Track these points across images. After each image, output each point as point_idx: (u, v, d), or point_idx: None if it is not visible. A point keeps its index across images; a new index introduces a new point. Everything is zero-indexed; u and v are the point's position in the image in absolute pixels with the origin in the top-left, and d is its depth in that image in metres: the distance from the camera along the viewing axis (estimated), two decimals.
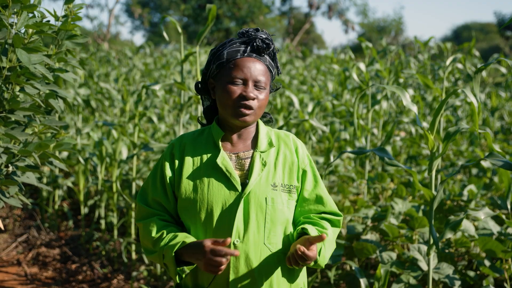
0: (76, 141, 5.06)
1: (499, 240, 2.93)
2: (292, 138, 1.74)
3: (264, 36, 1.62)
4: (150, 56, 12.48)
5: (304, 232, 1.60)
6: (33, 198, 5.79)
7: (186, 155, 1.66)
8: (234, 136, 1.68)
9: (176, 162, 1.66)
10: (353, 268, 2.77)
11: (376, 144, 4.89)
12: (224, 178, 1.61)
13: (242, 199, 1.58)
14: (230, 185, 1.60)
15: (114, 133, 4.46)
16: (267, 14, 34.74)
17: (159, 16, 36.20)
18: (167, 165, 1.67)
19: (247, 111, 1.59)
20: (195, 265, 1.58)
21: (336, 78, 8.33)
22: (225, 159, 1.62)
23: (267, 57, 1.65)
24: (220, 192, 1.59)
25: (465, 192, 3.70)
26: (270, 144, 1.68)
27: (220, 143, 1.65)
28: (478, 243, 2.86)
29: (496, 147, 2.34)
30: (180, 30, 3.33)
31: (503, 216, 3.25)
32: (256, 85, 1.60)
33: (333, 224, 1.71)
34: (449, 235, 2.39)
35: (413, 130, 5.62)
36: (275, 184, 1.63)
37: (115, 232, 4.43)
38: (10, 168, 1.86)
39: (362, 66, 4.59)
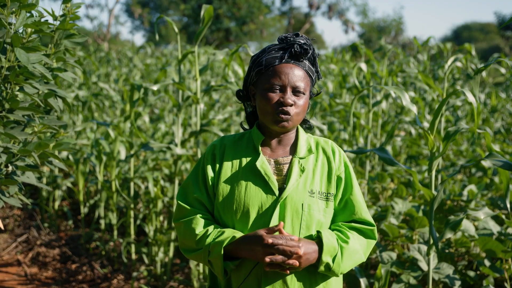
0: (75, 141, 5.06)
1: (499, 240, 2.93)
2: (331, 144, 1.73)
3: (302, 42, 1.61)
4: (150, 57, 12.48)
5: (319, 237, 1.59)
6: (33, 198, 5.79)
7: (226, 156, 1.68)
8: (274, 142, 1.69)
9: (217, 163, 1.67)
10: (353, 268, 2.76)
11: (375, 144, 4.89)
12: (262, 181, 1.61)
13: (279, 204, 1.58)
14: (267, 189, 1.60)
15: (112, 133, 4.47)
16: (267, 14, 34.73)
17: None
18: (209, 165, 1.68)
19: (285, 117, 1.59)
20: (239, 261, 1.58)
21: (336, 78, 8.33)
22: (264, 163, 1.63)
23: (307, 62, 1.64)
24: (257, 195, 1.60)
25: (465, 192, 3.70)
26: (310, 151, 1.68)
27: (260, 147, 1.66)
28: (478, 243, 2.86)
29: (496, 147, 2.34)
30: (176, 30, 3.33)
31: (503, 216, 3.25)
32: (295, 91, 1.60)
33: (364, 234, 1.68)
34: (449, 235, 2.39)
35: (413, 131, 5.62)
36: (313, 191, 1.62)
37: (115, 232, 4.43)
38: (10, 168, 1.86)
39: (363, 66, 4.59)
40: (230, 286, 1.63)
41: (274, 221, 1.57)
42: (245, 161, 1.66)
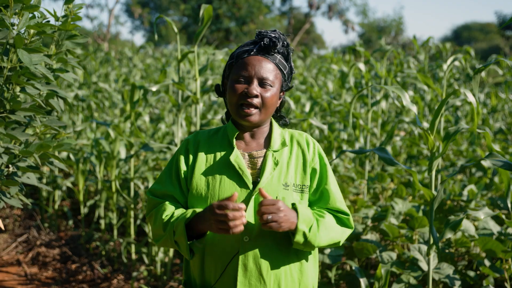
0: (76, 141, 5.06)
1: (499, 240, 2.94)
2: (306, 136, 1.74)
3: (273, 35, 1.62)
4: (150, 57, 12.48)
5: (294, 208, 1.60)
6: (33, 198, 5.79)
7: (200, 151, 1.68)
8: (248, 136, 1.70)
9: (190, 157, 1.68)
10: (353, 268, 2.77)
11: (375, 144, 4.89)
12: (236, 175, 1.62)
13: (253, 197, 1.59)
14: (241, 182, 1.61)
15: (112, 133, 4.47)
16: (267, 14, 34.72)
17: None
18: (182, 159, 1.68)
19: (249, 111, 1.60)
20: (204, 238, 1.57)
21: (336, 78, 8.33)
22: (238, 157, 1.63)
23: (278, 56, 1.65)
24: (232, 189, 1.60)
25: (465, 192, 3.70)
26: (283, 144, 1.69)
27: (234, 141, 1.66)
28: (478, 243, 2.87)
29: (496, 147, 2.34)
30: (176, 30, 3.33)
31: (503, 216, 3.25)
32: (262, 82, 1.61)
33: (340, 221, 1.69)
34: (449, 235, 2.39)
35: (415, 131, 5.62)
36: (287, 183, 1.63)
37: (115, 232, 4.43)
38: (11, 169, 1.86)
39: (362, 66, 4.59)
40: (205, 281, 1.63)
41: (249, 215, 1.57)
42: (219, 155, 1.66)
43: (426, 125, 4.54)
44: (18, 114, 1.78)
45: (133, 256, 4.09)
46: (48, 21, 1.90)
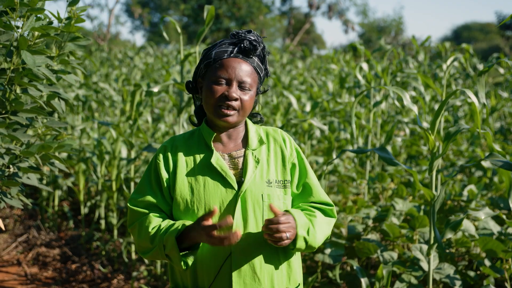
0: (76, 141, 5.06)
1: (499, 240, 2.94)
2: (281, 132, 1.76)
3: (252, 38, 1.63)
4: (151, 57, 12.48)
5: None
6: (33, 198, 5.79)
7: (179, 156, 1.67)
8: (224, 137, 1.69)
9: (171, 164, 1.66)
10: (354, 267, 2.77)
11: (375, 144, 4.89)
12: (219, 177, 1.62)
13: (240, 198, 1.59)
14: (226, 184, 1.61)
15: (113, 133, 4.47)
16: (267, 14, 34.71)
17: (159, 16, 36.16)
18: (162, 167, 1.66)
19: (228, 112, 1.60)
20: (197, 250, 1.58)
21: (336, 78, 8.33)
22: (219, 159, 1.63)
23: (255, 59, 1.66)
24: (217, 192, 1.60)
25: (465, 192, 3.71)
26: (261, 142, 1.70)
27: (212, 144, 1.66)
28: (478, 243, 2.87)
29: (496, 147, 2.34)
30: (179, 30, 3.34)
31: (503, 216, 3.26)
32: (241, 85, 1.62)
33: (325, 213, 1.72)
34: (449, 235, 2.39)
35: (407, 131, 5.63)
36: (270, 180, 1.65)
37: (115, 232, 4.43)
38: (12, 169, 1.86)
39: (364, 66, 4.59)
40: (198, 285, 1.62)
41: (237, 216, 1.58)
42: (199, 158, 1.65)
43: (426, 125, 4.54)
44: (20, 115, 1.78)
45: (133, 256, 4.09)
46: (52, 23, 1.91)
